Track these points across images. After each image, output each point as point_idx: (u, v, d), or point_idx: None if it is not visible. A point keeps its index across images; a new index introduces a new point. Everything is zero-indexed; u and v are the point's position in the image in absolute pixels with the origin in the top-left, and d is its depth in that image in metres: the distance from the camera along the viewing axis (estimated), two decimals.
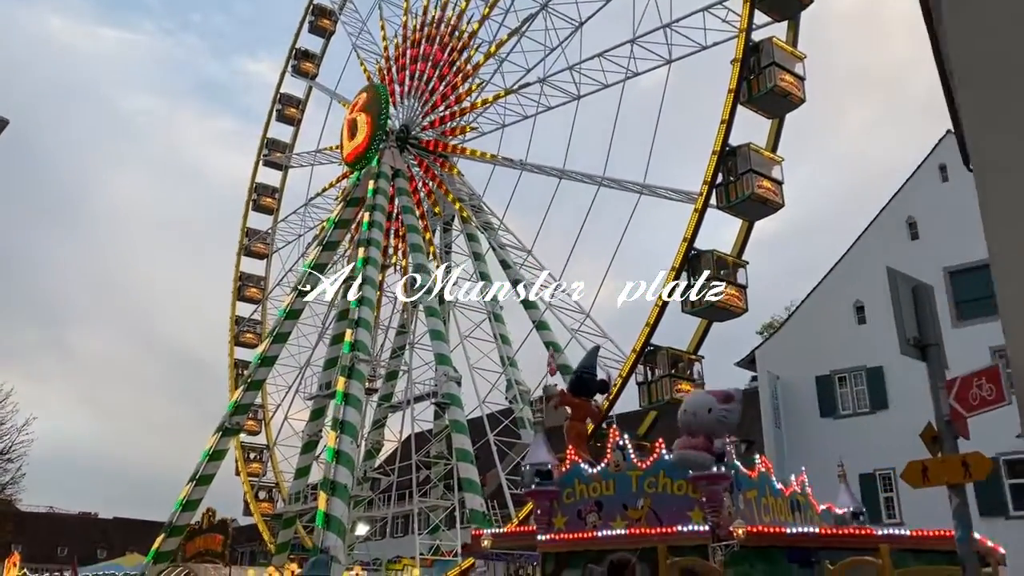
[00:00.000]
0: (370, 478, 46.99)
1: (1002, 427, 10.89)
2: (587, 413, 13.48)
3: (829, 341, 31.58)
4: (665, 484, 11.25)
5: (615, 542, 11.29)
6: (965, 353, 29.13)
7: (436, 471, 46.25)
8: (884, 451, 28.99)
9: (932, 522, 12.04)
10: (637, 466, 11.51)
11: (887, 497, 29.16)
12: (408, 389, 46.49)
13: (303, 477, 47.90)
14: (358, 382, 38.72)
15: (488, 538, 12.39)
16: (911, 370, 30.97)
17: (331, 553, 31.88)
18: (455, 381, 39.97)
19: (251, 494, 51.30)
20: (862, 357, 30.62)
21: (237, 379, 54.17)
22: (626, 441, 11.71)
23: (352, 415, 37.39)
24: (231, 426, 47.93)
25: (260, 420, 54.65)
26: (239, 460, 52.32)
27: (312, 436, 47.51)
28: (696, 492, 10.95)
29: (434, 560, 41.91)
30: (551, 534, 11.93)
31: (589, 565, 11.35)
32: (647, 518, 11.29)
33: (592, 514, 11.77)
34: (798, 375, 31.16)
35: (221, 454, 48.49)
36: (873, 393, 31.02)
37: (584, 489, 11.96)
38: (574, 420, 13.10)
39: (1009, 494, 26.61)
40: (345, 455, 35.64)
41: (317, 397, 47.30)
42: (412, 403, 46.00)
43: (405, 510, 47.01)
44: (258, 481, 52.98)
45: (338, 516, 33.77)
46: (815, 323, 32.53)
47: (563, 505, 12.09)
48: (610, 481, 11.75)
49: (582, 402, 13.35)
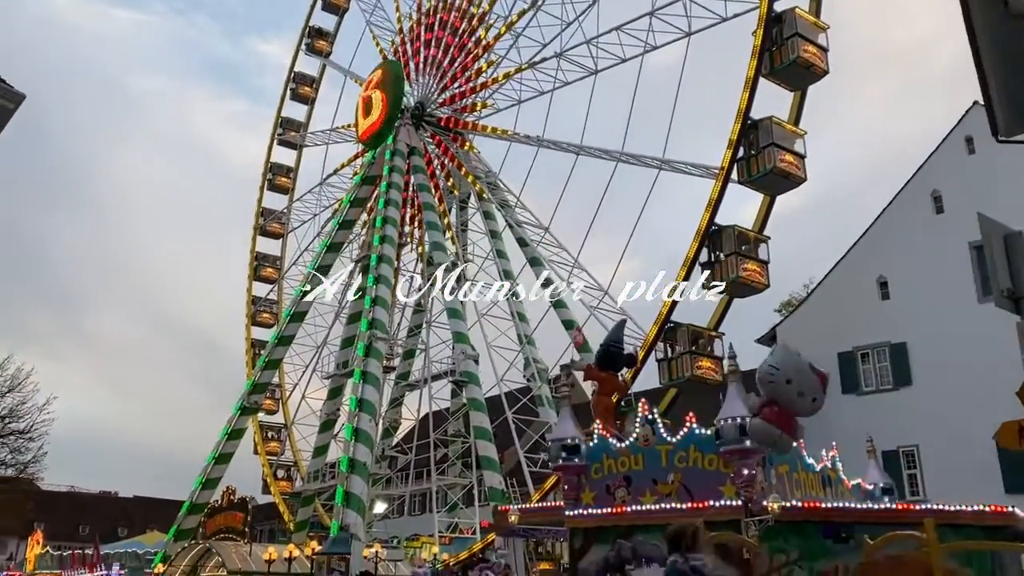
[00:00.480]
0: (388, 456, 47.14)
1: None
2: (614, 387, 13.25)
3: (852, 317, 31.17)
4: (696, 458, 11.04)
5: (645, 517, 11.11)
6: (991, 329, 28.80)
7: (453, 449, 46.32)
8: (907, 429, 28.66)
9: (955, 499, 11.80)
10: (667, 440, 11.30)
11: (910, 474, 28.85)
12: (425, 368, 46.47)
13: (321, 456, 48.07)
14: (376, 360, 38.69)
15: (515, 513, 12.23)
16: (936, 346, 30.66)
17: (351, 531, 31.96)
18: (473, 359, 39.86)
19: (270, 473, 51.59)
20: (885, 333, 30.24)
21: (254, 359, 54.31)
22: (655, 415, 11.49)
23: (370, 393, 37.37)
24: (249, 405, 48.11)
25: (278, 399, 54.83)
26: (257, 439, 52.57)
27: (330, 415, 47.61)
28: (728, 467, 10.74)
29: (452, 538, 42.02)
30: (579, 509, 11.77)
31: (619, 540, 11.17)
32: (678, 493, 11.10)
33: (621, 489, 11.60)
34: (819, 352, 30.69)
35: (240, 433, 48.69)
36: (896, 370, 30.65)
37: (612, 464, 11.78)
38: (601, 394, 12.87)
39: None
40: (364, 433, 35.66)
41: (334, 376, 47.35)
42: (429, 381, 45.99)
43: (423, 488, 47.15)
44: (276, 460, 53.26)
45: (357, 494, 33.82)
46: (837, 299, 32.10)
47: (591, 480, 11.92)
48: (639, 456, 11.56)
49: (609, 376, 13.12)
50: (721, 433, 10.51)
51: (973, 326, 28.61)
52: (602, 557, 11.34)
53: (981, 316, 29.02)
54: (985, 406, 26.94)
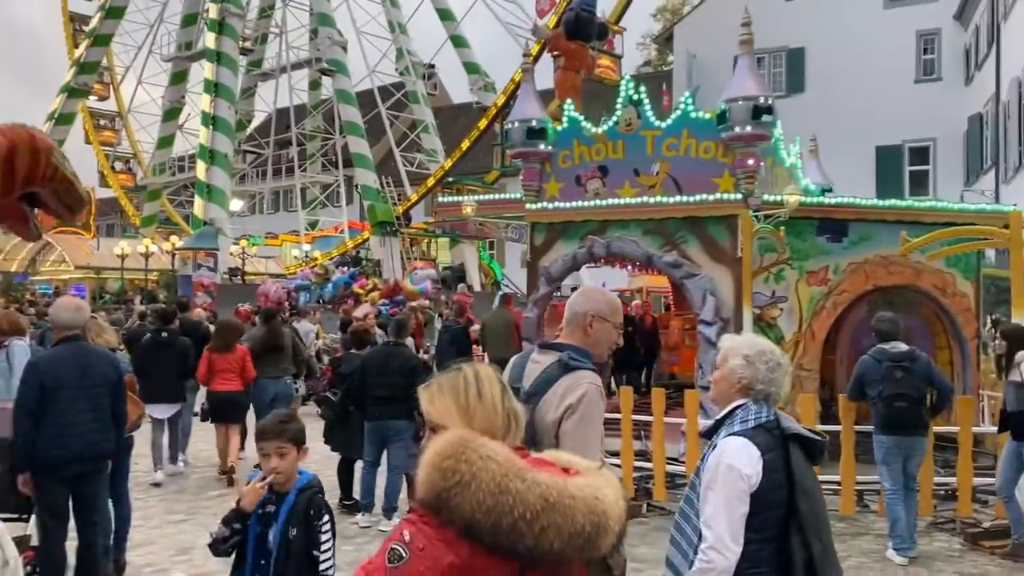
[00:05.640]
0: (242, 151, 43.74)
1: None
2: (583, 61, 11.29)
3: (753, 18, 29.75)
4: (689, 145, 9.63)
5: (622, 212, 9.81)
6: (892, 37, 28.14)
7: (314, 145, 43.51)
8: (799, 134, 28.70)
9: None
10: (655, 124, 9.75)
11: None
12: (283, 55, 42.04)
13: (166, 147, 44.07)
14: (231, 39, 34.11)
15: (470, 205, 10.61)
16: (832, 52, 29.92)
17: (216, 225, 29.72)
18: (340, 46, 36.00)
19: (107, 165, 47.02)
20: (785, 37, 29.21)
21: (75, 36, 47.24)
22: (643, 96, 9.81)
23: (227, 77, 33.31)
24: (78, 86, 42.42)
25: (108, 84, 48.72)
26: (88, 127, 47.18)
27: (174, 103, 42.96)
28: (727, 155, 9.42)
29: (315, 236, 40.66)
30: (543, 202, 10.31)
31: (590, 236, 9.91)
32: (663, 185, 9.78)
33: (595, 180, 10.14)
34: (716, 54, 29.53)
35: (69, 118, 43.47)
36: (791, 75, 30.13)
37: (585, 151, 10.20)
38: (567, 69, 10.92)
39: None
40: (222, 121, 32.17)
41: (177, 59, 42.09)
42: (289, 71, 41.87)
43: (282, 185, 44.72)
44: (113, 151, 48.46)
45: (220, 186, 31.15)
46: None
47: (557, 169, 10.37)
48: (619, 142, 10.00)
49: (579, 47, 11.07)
50: (730, 115, 9.04)
51: (873, 32, 28.05)
52: (569, 255, 10.13)
53: (883, 23, 28.47)
54: (872, 114, 27.36)
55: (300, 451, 3.31)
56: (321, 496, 3.30)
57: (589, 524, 1.73)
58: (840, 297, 9.48)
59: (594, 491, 1.78)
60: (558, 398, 2.78)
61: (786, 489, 2.64)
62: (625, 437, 8.05)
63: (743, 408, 2.75)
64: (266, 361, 9.35)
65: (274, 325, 9.81)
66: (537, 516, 1.69)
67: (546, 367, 2.87)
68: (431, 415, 1.99)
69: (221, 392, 8.90)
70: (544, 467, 1.81)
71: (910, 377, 5.91)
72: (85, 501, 5.20)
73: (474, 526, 1.70)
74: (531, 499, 1.70)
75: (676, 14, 44.81)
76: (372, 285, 24.10)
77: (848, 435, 7.15)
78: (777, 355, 2.80)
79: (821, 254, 9.58)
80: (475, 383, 1.98)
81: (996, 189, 22.18)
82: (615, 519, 1.78)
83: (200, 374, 9.01)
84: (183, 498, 8.41)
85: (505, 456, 1.77)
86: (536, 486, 1.72)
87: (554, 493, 1.72)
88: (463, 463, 1.73)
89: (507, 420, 1.96)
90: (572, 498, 1.73)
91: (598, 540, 1.75)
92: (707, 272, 9.37)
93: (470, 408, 1.94)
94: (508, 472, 1.73)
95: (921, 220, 9.64)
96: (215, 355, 8.90)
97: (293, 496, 3.24)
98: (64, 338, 5.22)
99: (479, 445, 1.77)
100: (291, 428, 3.30)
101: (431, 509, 1.75)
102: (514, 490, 1.71)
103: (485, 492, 1.70)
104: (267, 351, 9.43)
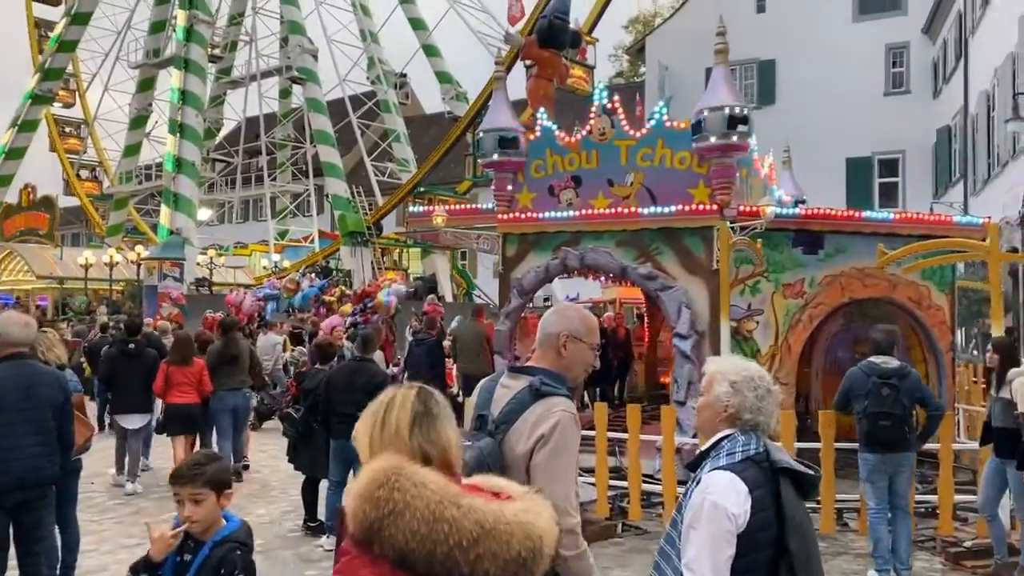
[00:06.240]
0: (211, 159, 43.16)
1: None
2: (555, 70, 11.08)
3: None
4: (664, 156, 9.47)
5: (595, 221, 9.63)
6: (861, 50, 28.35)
7: (283, 154, 43.03)
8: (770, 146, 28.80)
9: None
10: (629, 135, 9.59)
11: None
12: (252, 62, 41.57)
13: (133, 155, 43.37)
14: (199, 47, 33.63)
15: (441, 215, 10.35)
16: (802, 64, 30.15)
17: (183, 235, 29.17)
18: (311, 54, 35.68)
19: (72, 172, 46.16)
20: (757, 49, 29.32)
21: (40, 42, 46.42)
22: (615, 104, 9.64)
23: (195, 84, 32.80)
24: (42, 93, 41.64)
25: (74, 91, 47.91)
26: (53, 134, 46.30)
27: (141, 110, 42.31)
28: (702, 166, 9.26)
29: (285, 246, 40.17)
30: (515, 212, 10.10)
31: (563, 248, 9.71)
32: (638, 196, 9.61)
33: (568, 190, 9.94)
34: (688, 65, 29.60)
35: (32, 125, 42.71)
36: (762, 86, 30.26)
37: (559, 161, 10.01)
38: (540, 78, 10.71)
39: None
40: (190, 129, 31.65)
41: (144, 66, 41.46)
42: (259, 78, 41.42)
43: (251, 194, 44.11)
44: (78, 159, 47.61)
45: (187, 195, 30.62)
46: (711, 11, 30.19)
47: (530, 179, 10.17)
48: (592, 152, 9.82)
49: (552, 55, 10.87)
50: (705, 125, 8.90)
51: (842, 46, 28.27)
52: (542, 266, 9.93)
53: (851, 36, 28.69)
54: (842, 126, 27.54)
55: (221, 496, 2.91)
56: (241, 552, 2.89)
57: (525, 550, 1.69)
58: (816, 310, 9.36)
59: (530, 516, 1.74)
60: (529, 427, 2.55)
61: (776, 527, 2.43)
62: (600, 454, 7.84)
63: (730, 439, 2.53)
64: (223, 373, 9.36)
65: (231, 337, 9.67)
66: (473, 543, 1.66)
67: (516, 393, 2.64)
68: (354, 439, 1.96)
69: (179, 405, 8.88)
70: (476, 493, 1.77)
71: (897, 395, 5.74)
72: (27, 530, 4.87)
73: (407, 556, 1.65)
74: (467, 526, 1.66)
75: (648, 26, 44.96)
76: (340, 292, 23.77)
77: (828, 451, 6.98)
78: (767, 381, 2.59)
79: (797, 266, 9.46)
80: (383, 410, 1.93)
81: (965, 201, 22.32)
82: (550, 544, 1.75)
83: (157, 387, 8.99)
84: (139, 520, 8.06)
85: (439, 483, 1.73)
86: (472, 512, 1.68)
87: (490, 519, 1.68)
88: (396, 491, 1.68)
89: (418, 453, 1.87)
90: (508, 524, 1.70)
91: (533, 566, 1.71)
92: (682, 284, 9.21)
93: (373, 435, 1.91)
94: (443, 499, 1.69)
95: (896, 232, 9.56)
96: (172, 368, 8.87)
97: (208, 549, 2.85)
98: (8, 355, 4.88)
99: (412, 472, 1.73)
100: (208, 471, 2.88)
101: (362, 544, 1.69)
102: (450, 517, 1.66)
103: (419, 520, 1.66)
104: (224, 363, 9.42)
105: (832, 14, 28.65)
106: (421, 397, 1.96)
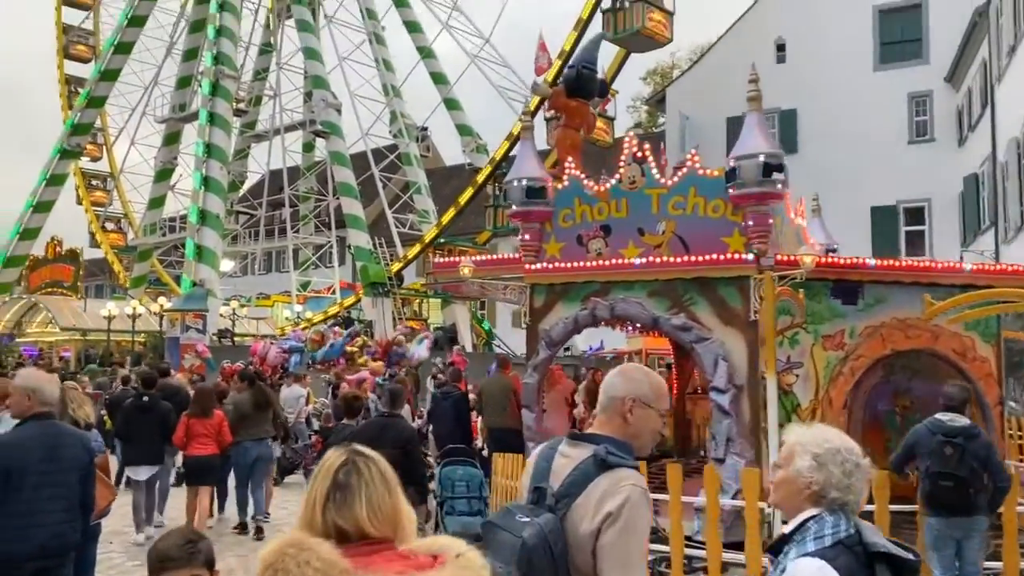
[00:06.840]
0: (234, 211, 43.56)
1: None
2: (583, 119, 11.00)
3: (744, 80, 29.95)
4: (697, 204, 9.29)
5: (627, 272, 9.41)
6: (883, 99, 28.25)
7: (307, 207, 43.37)
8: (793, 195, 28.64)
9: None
10: (660, 183, 9.42)
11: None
12: (277, 116, 42.16)
13: (157, 208, 43.85)
14: (225, 101, 34.11)
15: (468, 266, 10.18)
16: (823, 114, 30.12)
17: (206, 286, 29.23)
18: (335, 108, 36.08)
19: (97, 224, 46.69)
20: (777, 99, 29.28)
21: (70, 98, 47.39)
22: (646, 152, 9.49)
23: (219, 137, 33.19)
24: (70, 148, 42.32)
25: (101, 145, 48.74)
26: (80, 188, 46.98)
27: (166, 163, 42.88)
28: (736, 214, 9.06)
29: (307, 297, 40.22)
30: (543, 262, 9.92)
31: (593, 299, 9.48)
32: (670, 244, 9.40)
33: (597, 240, 9.76)
34: (709, 115, 29.68)
35: (61, 179, 43.30)
36: (784, 136, 30.14)
37: (587, 210, 9.84)
38: (567, 127, 10.62)
39: None
40: (215, 182, 31.93)
41: (170, 120, 42.14)
42: (283, 132, 41.94)
43: (274, 246, 44.37)
44: (104, 211, 48.19)
45: (211, 247, 30.77)
46: (731, 61, 30.38)
47: (558, 229, 10.00)
48: (622, 200, 9.66)
49: (580, 105, 10.78)
50: (739, 173, 8.72)
51: (864, 95, 28.25)
52: (570, 317, 9.70)
53: (873, 85, 28.67)
54: (866, 174, 27.35)
55: (213, 575, 2.70)
56: None
57: None
58: (857, 362, 9.04)
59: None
60: (595, 503, 2.30)
61: None
62: (674, 519, 7.48)
63: (817, 520, 2.26)
64: (250, 423, 9.35)
65: (258, 387, 9.63)
66: None
67: (578, 463, 2.39)
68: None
69: (198, 456, 8.86)
70: (400, 561, 1.73)
71: (962, 455, 5.41)
72: None
73: None
74: None
75: (666, 77, 45.29)
76: (363, 343, 23.62)
77: (883, 514, 6.61)
78: (855, 455, 2.32)
79: (836, 317, 9.17)
80: (313, 479, 1.92)
81: (996, 249, 21.96)
82: None
83: (178, 438, 8.95)
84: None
85: (328, 560, 1.70)
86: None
87: None
88: (279, 572, 1.68)
89: (332, 527, 1.83)
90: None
91: None
92: (718, 336, 8.92)
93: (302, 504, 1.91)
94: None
95: (937, 282, 9.27)
96: (193, 420, 8.85)
97: None
98: (36, 414, 4.67)
99: (301, 551, 1.71)
100: (202, 550, 2.67)
101: None
102: None
103: None
104: (253, 412, 9.41)
105: (853, 64, 28.69)
106: (345, 467, 1.92)
